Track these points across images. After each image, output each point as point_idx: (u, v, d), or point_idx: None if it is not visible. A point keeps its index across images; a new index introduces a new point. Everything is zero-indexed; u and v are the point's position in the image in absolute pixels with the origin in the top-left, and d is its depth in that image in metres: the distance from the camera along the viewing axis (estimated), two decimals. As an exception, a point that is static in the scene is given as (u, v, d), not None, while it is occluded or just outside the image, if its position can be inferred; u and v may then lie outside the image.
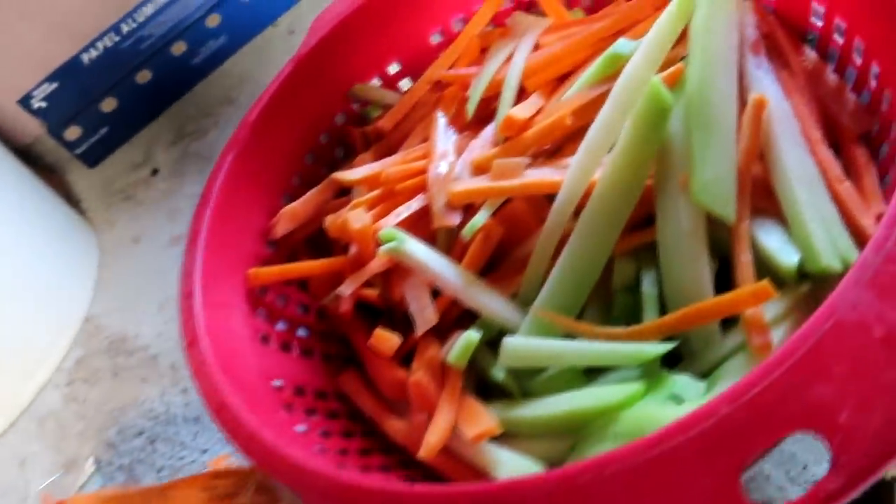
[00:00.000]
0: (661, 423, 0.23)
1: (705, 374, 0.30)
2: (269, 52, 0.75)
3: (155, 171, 0.72)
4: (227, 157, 0.39)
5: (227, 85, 0.74)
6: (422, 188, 0.37)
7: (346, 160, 0.45)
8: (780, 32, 0.34)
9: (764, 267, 0.29)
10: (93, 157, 0.74)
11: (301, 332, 0.40)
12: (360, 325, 0.38)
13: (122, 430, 0.55)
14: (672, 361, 0.31)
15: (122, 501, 0.37)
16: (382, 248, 0.33)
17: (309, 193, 0.40)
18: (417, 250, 0.33)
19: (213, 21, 0.73)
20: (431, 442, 0.30)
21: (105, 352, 0.61)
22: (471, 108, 0.38)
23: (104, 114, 0.72)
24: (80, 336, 0.62)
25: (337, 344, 0.40)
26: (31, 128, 0.74)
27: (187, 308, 0.34)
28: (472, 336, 0.32)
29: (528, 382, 0.32)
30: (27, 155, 0.75)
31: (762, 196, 0.30)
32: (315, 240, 0.42)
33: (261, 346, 0.36)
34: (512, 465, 0.29)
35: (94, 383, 0.59)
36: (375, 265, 0.35)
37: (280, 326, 0.39)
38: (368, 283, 0.38)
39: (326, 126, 0.44)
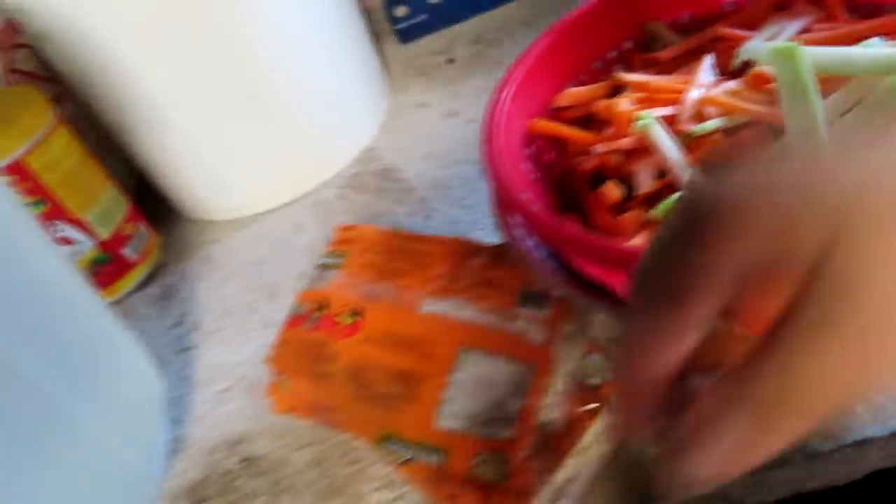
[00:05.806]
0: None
1: None
2: (571, -4, 0.88)
3: (451, 61, 0.88)
4: (542, 40, 0.53)
5: (529, 12, 0.89)
6: (674, 102, 0.49)
7: (621, 76, 0.57)
8: None
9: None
10: (407, 35, 0.92)
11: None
12: (588, 185, 0.51)
13: (372, 229, 0.72)
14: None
15: (388, 237, 0.53)
16: (637, 124, 0.46)
17: (592, 85, 0.53)
18: (660, 133, 0.45)
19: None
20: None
21: (375, 174, 0.78)
22: (736, 61, 0.49)
23: (429, 4, 0.90)
24: (360, 159, 0.80)
25: (560, 200, 0.53)
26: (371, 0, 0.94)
27: (491, 113, 0.48)
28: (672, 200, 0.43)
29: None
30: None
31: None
32: (581, 123, 0.54)
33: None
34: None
35: (361, 192, 0.76)
36: (626, 142, 0.48)
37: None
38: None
39: (615, 46, 0.56)
